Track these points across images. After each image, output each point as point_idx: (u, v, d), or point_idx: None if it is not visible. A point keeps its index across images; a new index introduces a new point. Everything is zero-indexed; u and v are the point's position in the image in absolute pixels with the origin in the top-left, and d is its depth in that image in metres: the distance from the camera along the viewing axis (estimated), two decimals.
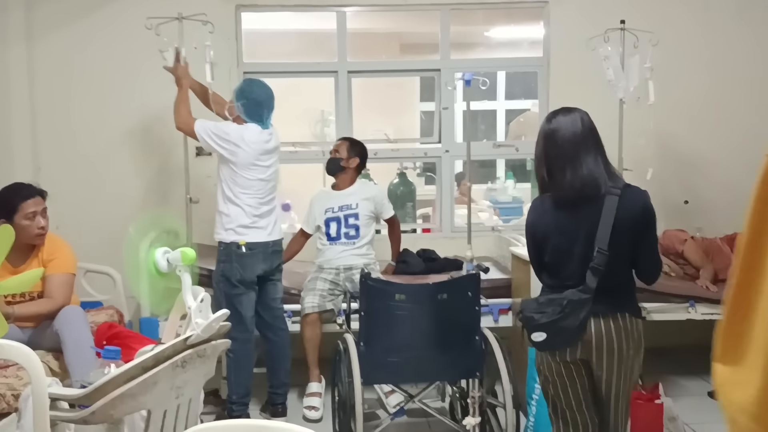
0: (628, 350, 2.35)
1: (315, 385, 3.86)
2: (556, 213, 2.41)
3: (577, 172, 2.33)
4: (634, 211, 2.33)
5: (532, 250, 2.53)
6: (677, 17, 4.69)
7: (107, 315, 3.31)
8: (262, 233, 3.58)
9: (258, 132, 3.56)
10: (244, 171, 3.52)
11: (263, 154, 3.56)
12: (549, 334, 2.33)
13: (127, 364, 2.05)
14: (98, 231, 4.39)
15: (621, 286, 2.38)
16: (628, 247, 2.34)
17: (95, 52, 4.56)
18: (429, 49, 5.97)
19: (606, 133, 4.02)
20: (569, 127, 2.40)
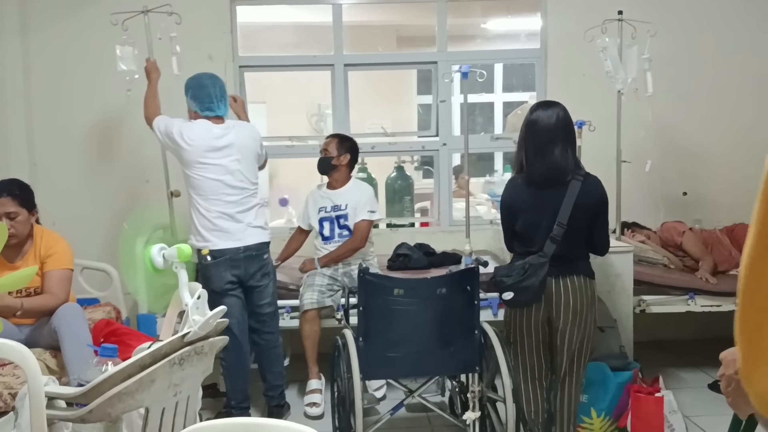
0: (582, 305, 2.84)
1: (315, 382, 3.84)
2: (528, 191, 2.87)
3: (547, 159, 2.80)
4: (593, 195, 2.84)
5: (506, 221, 2.96)
6: (675, 7, 4.66)
7: (104, 312, 3.28)
8: (228, 239, 3.37)
9: (203, 128, 3.39)
10: (190, 170, 3.38)
11: (210, 151, 3.36)
12: (515, 292, 2.81)
13: (125, 362, 2.03)
14: (94, 227, 4.38)
15: (577, 254, 2.88)
16: (585, 224, 2.83)
17: (90, 46, 4.52)
18: (426, 41, 5.94)
19: (604, 125, 4.08)
20: (546, 120, 2.83)
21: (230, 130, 3.44)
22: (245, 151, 3.47)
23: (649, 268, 4.03)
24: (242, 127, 3.57)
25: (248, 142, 3.50)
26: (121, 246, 3.17)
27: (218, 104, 3.46)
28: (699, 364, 4.34)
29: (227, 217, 3.39)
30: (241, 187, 3.44)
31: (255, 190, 3.53)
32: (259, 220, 3.51)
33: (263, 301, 3.53)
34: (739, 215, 4.43)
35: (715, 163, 4.78)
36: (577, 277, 2.85)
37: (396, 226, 4.93)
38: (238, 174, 3.42)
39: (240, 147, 3.44)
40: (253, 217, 3.47)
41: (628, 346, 3.44)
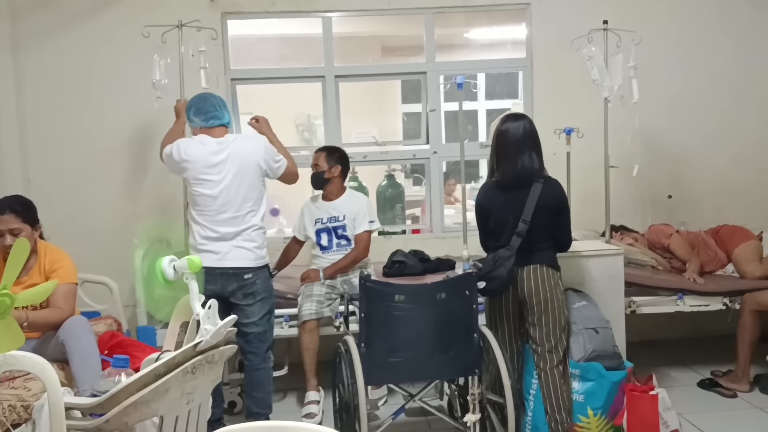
0: (546, 291, 3.20)
1: (313, 393, 3.86)
2: (498, 193, 3.28)
3: (514, 166, 3.21)
4: (552, 195, 3.23)
5: (480, 221, 3.37)
6: (659, 16, 4.79)
7: (106, 324, 3.31)
8: (210, 258, 3.26)
9: (201, 143, 3.37)
10: (189, 185, 3.40)
11: (208, 167, 3.32)
12: (486, 281, 3.16)
13: (140, 372, 2.07)
14: (90, 241, 4.39)
15: (540, 247, 3.24)
16: (546, 221, 3.21)
17: (83, 61, 4.57)
18: (410, 51, 6.02)
19: (592, 132, 4.18)
20: (514, 131, 3.25)
21: (228, 145, 3.36)
22: (244, 167, 3.35)
23: (638, 270, 4.13)
24: (243, 140, 3.47)
25: (248, 157, 3.37)
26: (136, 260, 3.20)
27: (222, 112, 3.44)
28: (688, 362, 4.44)
29: (215, 235, 3.32)
30: (236, 203, 3.34)
31: (253, 208, 3.39)
32: (249, 242, 3.37)
33: (247, 320, 3.35)
34: (722, 217, 4.55)
35: (699, 167, 4.91)
36: (540, 266, 3.22)
37: (388, 233, 4.99)
38: (233, 190, 3.33)
39: (238, 162, 3.34)
40: (244, 238, 3.35)
41: (621, 346, 3.51)
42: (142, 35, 3.95)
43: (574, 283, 3.57)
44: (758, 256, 4.17)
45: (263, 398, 3.48)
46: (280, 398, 4.08)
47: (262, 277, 3.42)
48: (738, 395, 3.89)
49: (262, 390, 3.48)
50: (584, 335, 3.33)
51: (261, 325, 3.43)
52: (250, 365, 3.46)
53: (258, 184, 3.41)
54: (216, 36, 4.15)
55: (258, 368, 3.45)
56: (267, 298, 3.46)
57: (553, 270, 3.26)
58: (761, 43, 4.91)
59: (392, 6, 4.80)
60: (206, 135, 3.40)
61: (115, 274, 3.95)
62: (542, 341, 3.23)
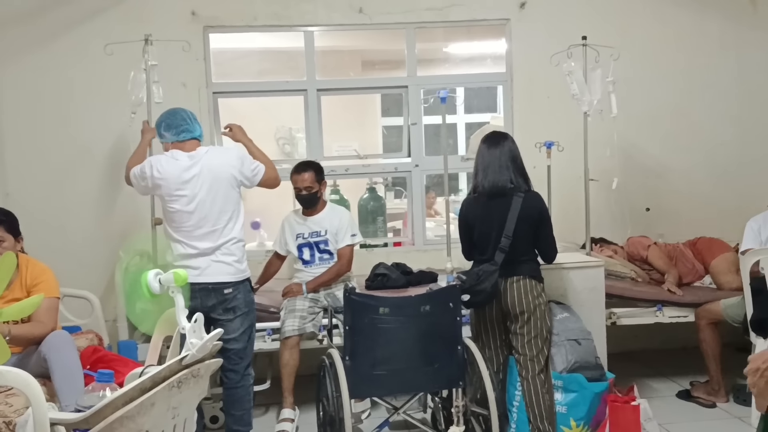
0: (528, 302, 3.28)
1: (288, 411, 3.81)
2: (480, 207, 3.38)
3: (490, 178, 3.34)
4: (533, 208, 3.32)
5: (464, 233, 3.46)
6: (636, 33, 4.88)
7: (87, 339, 3.29)
8: (189, 274, 3.13)
9: (173, 158, 3.29)
10: (164, 203, 3.33)
11: (181, 184, 3.25)
12: (471, 294, 3.23)
13: (126, 386, 2.06)
14: (70, 255, 4.35)
15: (522, 260, 3.33)
16: (528, 234, 3.31)
17: (62, 76, 4.53)
18: (390, 65, 6.06)
19: (571, 145, 4.24)
20: (494, 147, 3.39)
21: (200, 158, 3.28)
22: (217, 179, 3.28)
23: (617, 282, 4.18)
24: (215, 152, 3.40)
25: (221, 169, 3.30)
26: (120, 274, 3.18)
27: (193, 125, 3.38)
28: (667, 373, 4.49)
29: (194, 251, 3.25)
30: (212, 217, 3.26)
31: (230, 221, 3.32)
32: (229, 256, 3.29)
33: (226, 336, 3.19)
34: (699, 229, 4.63)
35: (676, 180, 4.99)
36: (524, 278, 3.31)
37: (370, 246, 5.00)
38: (208, 204, 3.25)
39: (211, 175, 3.27)
40: (223, 252, 3.28)
41: (602, 357, 3.55)
42: (105, 53, 3.94)
43: (556, 295, 3.61)
44: (735, 267, 4.24)
45: (242, 416, 3.40)
46: (262, 413, 4.06)
47: (243, 291, 3.34)
48: (717, 405, 3.94)
49: (241, 407, 3.39)
50: (566, 346, 3.37)
51: (240, 341, 3.33)
52: (229, 382, 3.37)
53: (234, 195, 3.35)
54: (188, 48, 4.14)
55: (237, 386, 3.37)
56: (248, 313, 3.37)
57: (536, 281, 3.33)
58: (736, 58, 5.02)
59: (374, 21, 4.84)
60: (178, 150, 3.32)
61: (96, 289, 3.92)
62: (524, 350, 3.27)
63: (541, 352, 3.28)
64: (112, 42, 3.97)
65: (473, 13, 4.91)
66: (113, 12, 4.55)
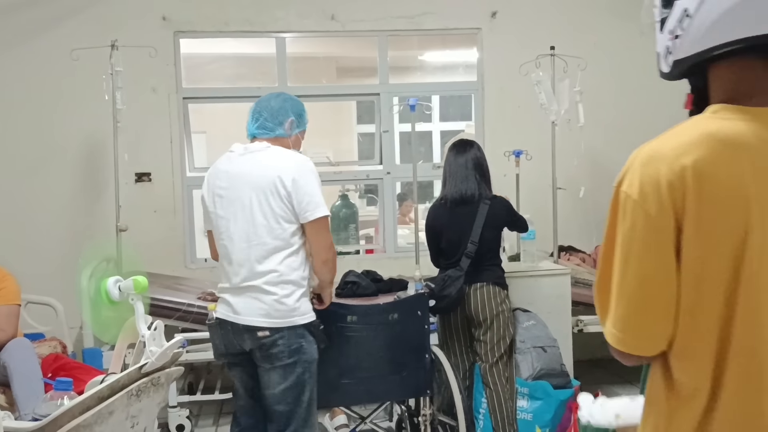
0: (491, 308, 3.32)
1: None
2: (447, 214, 3.43)
3: (457, 186, 3.40)
4: (500, 213, 3.41)
5: (432, 240, 3.51)
6: (603, 44, 4.94)
7: (50, 347, 3.25)
8: (221, 305, 2.64)
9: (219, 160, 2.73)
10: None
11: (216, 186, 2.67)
12: (436, 300, 3.27)
13: (83, 394, 2.04)
14: (35, 261, 4.30)
15: (488, 266, 3.38)
16: (495, 240, 3.41)
17: (31, 79, 4.49)
18: (365, 72, 6.08)
19: (540, 154, 4.28)
20: (461, 155, 3.44)
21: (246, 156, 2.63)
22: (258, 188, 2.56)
23: (585, 290, 4.21)
24: (270, 152, 2.64)
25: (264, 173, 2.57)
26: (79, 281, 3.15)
27: (250, 120, 2.73)
28: (633, 380, 4.53)
29: (224, 276, 2.64)
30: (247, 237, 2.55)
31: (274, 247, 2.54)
32: (268, 296, 2.52)
33: (265, 390, 2.57)
34: None
35: None
36: (487, 284, 3.36)
37: (342, 253, 4.99)
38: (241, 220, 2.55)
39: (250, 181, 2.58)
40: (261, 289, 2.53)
41: (568, 364, 3.58)
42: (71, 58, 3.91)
43: (522, 302, 3.63)
44: None
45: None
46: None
47: (281, 339, 2.53)
48: None
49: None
50: (532, 354, 3.40)
51: (283, 402, 2.56)
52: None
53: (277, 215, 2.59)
54: (154, 54, 4.12)
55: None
56: (295, 370, 2.55)
57: (499, 288, 3.38)
58: None
59: (346, 28, 4.85)
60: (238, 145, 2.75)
61: (62, 295, 3.86)
62: (487, 357, 3.31)
63: (503, 357, 3.31)
64: (79, 47, 3.92)
65: (445, 22, 4.94)
66: (84, 16, 4.52)
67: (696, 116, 1.25)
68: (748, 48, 1.12)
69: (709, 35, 1.14)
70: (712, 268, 1.11)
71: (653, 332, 1.18)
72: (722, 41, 1.12)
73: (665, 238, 1.13)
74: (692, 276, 1.12)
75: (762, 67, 1.15)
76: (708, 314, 1.12)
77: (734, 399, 1.12)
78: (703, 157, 1.12)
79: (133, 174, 4.59)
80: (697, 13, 1.14)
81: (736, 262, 1.11)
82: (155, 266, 4.29)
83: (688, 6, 1.16)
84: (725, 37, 1.12)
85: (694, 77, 1.29)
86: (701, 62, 1.19)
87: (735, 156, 1.12)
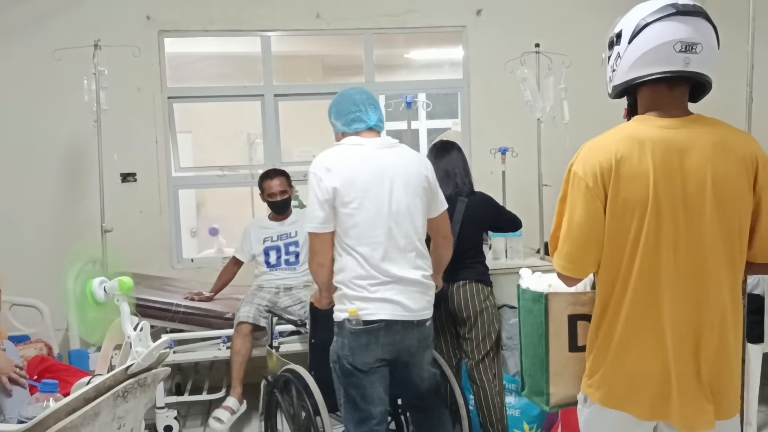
0: (474, 306, 3.32)
1: (233, 401, 3.74)
2: None
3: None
4: (481, 209, 3.39)
5: None
6: (588, 41, 4.90)
7: (36, 349, 3.23)
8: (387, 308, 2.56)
9: (351, 143, 2.68)
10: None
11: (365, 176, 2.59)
12: None
13: (68, 396, 2.03)
14: (20, 262, 4.26)
15: (470, 264, 3.36)
16: (476, 236, 3.39)
17: (14, 79, 4.45)
18: (351, 70, 6.07)
19: (526, 151, 4.29)
20: (440, 159, 3.42)
21: (386, 150, 2.64)
22: (408, 183, 2.60)
23: None
24: (405, 148, 2.72)
25: (411, 169, 2.63)
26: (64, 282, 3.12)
27: (367, 111, 2.67)
28: None
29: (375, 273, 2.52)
30: (405, 233, 2.56)
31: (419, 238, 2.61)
32: (427, 287, 2.63)
33: (422, 374, 2.68)
34: None
35: None
36: (470, 282, 3.34)
37: None
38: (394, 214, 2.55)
39: (399, 175, 2.58)
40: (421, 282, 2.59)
41: None
42: (54, 58, 3.88)
43: (509, 299, 3.64)
44: None
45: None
46: None
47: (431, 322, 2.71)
48: None
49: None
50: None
51: (430, 376, 2.73)
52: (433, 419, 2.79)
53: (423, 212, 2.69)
54: (138, 54, 4.10)
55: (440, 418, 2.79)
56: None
57: (482, 285, 3.37)
58: None
59: (331, 26, 4.85)
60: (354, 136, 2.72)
61: (47, 297, 3.84)
62: (473, 354, 3.32)
63: (488, 356, 3.31)
64: (62, 47, 3.90)
65: (430, 20, 4.94)
66: (66, 16, 4.49)
67: (625, 123, 1.86)
68: (654, 79, 1.75)
69: (630, 71, 1.78)
70: (624, 220, 1.73)
71: (587, 260, 1.79)
72: (636, 75, 1.78)
73: (597, 200, 1.75)
74: (612, 225, 1.75)
75: (667, 89, 1.78)
76: (621, 249, 1.75)
77: (636, 299, 1.74)
78: (623, 149, 1.74)
79: (119, 174, 4.57)
80: (624, 56, 1.79)
81: (640, 218, 1.72)
82: (141, 267, 4.28)
83: (619, 51, 1.81)
84: (637, 73, 1.77)
85: (628, 97, 1.89)
86: (630, 87, 1.81)
87: (643, 149, 1.73)
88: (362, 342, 2.48)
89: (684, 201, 1.71)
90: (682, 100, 1.80)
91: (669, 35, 1.71)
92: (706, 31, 1.73)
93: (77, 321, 3.39)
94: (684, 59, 1.71)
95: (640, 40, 1.74)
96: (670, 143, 1.72)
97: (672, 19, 1.71)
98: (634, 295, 1.74)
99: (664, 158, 1.71)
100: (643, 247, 1.72)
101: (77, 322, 3.41)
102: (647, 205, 1.71)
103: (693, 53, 1.71)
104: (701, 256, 1.72)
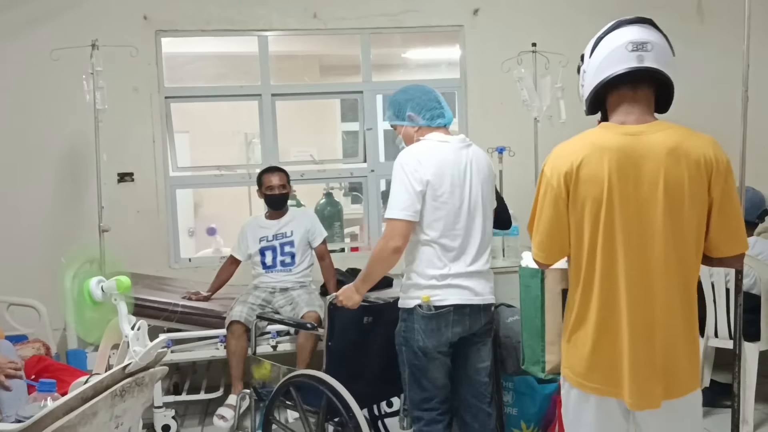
0: None
1: (235, 398, 3.78)
2: None
3: None
4: None
5: None
6: (585, 40, 4.92)
7: (34, 348, 3.23)
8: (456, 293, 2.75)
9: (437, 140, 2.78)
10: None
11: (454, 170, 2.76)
12: None
13: (66, 396, 2.03)
14: (18, 262, 4.27)
15: None
16: None
17: (7, 81, 4.45)
18: (348, 70, 6.08)
19: (523, 150, 4.31)
20: None
21: (466, 149, 2.78)
22: (485, 180, 2.81)
23: None
24: (479, 149, 2.87)
25: (484, 168, 2.82)
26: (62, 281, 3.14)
27: (446, 108, 2.84)
28: None
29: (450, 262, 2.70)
30: (483, 228, 2.78)
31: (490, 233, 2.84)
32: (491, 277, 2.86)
33: (479, 365, 2.83)
34: None
35: None
36: None
37: None
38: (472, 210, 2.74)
39: (479, 173, 2.77)
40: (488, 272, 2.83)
41: None
42: (51, 58, 3.88)
43: (506, 298, 3.64)
44: None
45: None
46: None
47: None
48: None
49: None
50: (516, 349, 3.41)
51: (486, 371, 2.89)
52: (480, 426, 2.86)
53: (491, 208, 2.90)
54: (135, 54, 4.11)
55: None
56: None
57: None
58: (681, 68, 5.12)
59: (328, 26, 4.85)
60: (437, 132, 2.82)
61: (45, 297, 3.84)
62: None
63: None
64: (59, 47, 3.90)
65: (427, 20, 4.95)
66: (64, 16, 4.48)
67: (592, 129, 2.01)
68: (617, 82, 1.93)
69: (594, 80, 1.98)
70: (583, 217, 1.95)
71: (555, 250, 2.04)
72: (598, 81, 1.96)
73: (560, 199, 1.96)
74: (573, 221, 1.97)
75: (631, 92, 1.95)
76: (581, 242, 1.96)
77: (600, 285, 1.94)
78: (584, 154, 1.93)
79: (116, 174, 4.57)
80: (587, 70, 2.03)
81: (597, 216, 1.92)
82: (139, 266, 4.28)
83: (586, 69, 2.05)
84: (599, 78, 1.96)
85: (600, 110, 2.05)
86: (600, 98, 2.00)
87: (601, 155, 1.91)
88: (432, 326, 2.66)
89: (636, 203, 1.89)
90: (647, 104, 1.96)
91: (620, 40, 1.92)
92: (654, 34, 1.93)
93: (75, 321, 3.39)
94: (637, 57, 1.89)
95: (597, 53, 1.97)
96: (627, 150, 1.89)
97: (621, 28, 1.95)
98: (600, 286, 1.95)
99: (620, 164, 1.89)
100: (602, 243, 1.92)
101: (75, 322, 3.41)
102: (602, 205, 1.90)
103: (645, 51, 1.89)
104: (652, 254, 1.90)
